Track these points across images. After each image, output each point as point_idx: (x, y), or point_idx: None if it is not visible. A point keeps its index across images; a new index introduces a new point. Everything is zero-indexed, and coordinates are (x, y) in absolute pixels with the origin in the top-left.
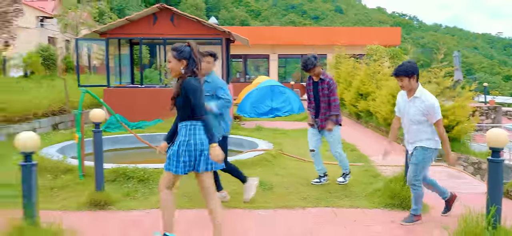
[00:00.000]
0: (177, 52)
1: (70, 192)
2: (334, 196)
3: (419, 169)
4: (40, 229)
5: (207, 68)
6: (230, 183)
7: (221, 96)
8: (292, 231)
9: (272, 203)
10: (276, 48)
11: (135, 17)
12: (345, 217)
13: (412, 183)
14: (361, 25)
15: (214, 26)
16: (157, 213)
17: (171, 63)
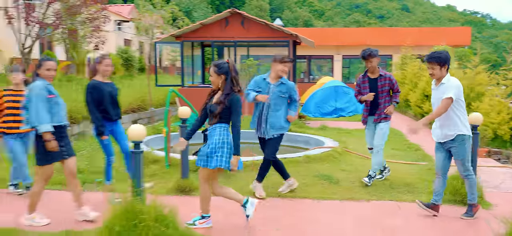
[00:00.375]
0: (217, 68)
1: (159, 179)
2: (397, 191)
3: (466, 160)
4: (147, 205)
5: (284, 72)
6: (299, 175)
7: (296, 97)
8: (358, 220)
9: (339, 195)
10: (341, 49)
11: (208, 21)
12: (408, 210)
13: (464, 175)
14: (429, 24)
15: (281, 29)
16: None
17: (212, 77)
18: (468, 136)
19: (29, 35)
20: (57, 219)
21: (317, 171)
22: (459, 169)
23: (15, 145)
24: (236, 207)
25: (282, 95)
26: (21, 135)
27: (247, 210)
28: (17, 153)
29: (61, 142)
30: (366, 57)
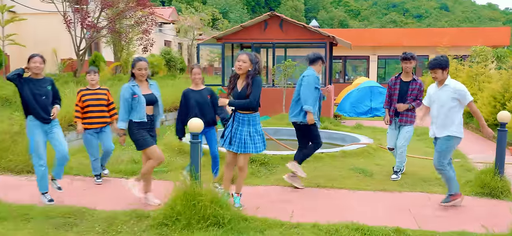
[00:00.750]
0: (250, 56)
1: (205, 170)
2: (429, 184)
3: (443, 155)
4: (204, 190)
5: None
6: (335, 168)
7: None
8: (390, 208)
9: (372, 186)
10: (377, 50)
11: (248, 24)
12: (437, 200)
13: (437, 167)
14: (468, 23)
15: (318, 31)
16: (277, 190)
17: (246, 63)
18: (457, 138)
19: (84, 38)
20: (124, 202)
21: (352, 165)
22: (435, 161)
23: (91, 139)
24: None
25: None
26: (97, 130)
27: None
28: (92, 147)
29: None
30: (408, 58)
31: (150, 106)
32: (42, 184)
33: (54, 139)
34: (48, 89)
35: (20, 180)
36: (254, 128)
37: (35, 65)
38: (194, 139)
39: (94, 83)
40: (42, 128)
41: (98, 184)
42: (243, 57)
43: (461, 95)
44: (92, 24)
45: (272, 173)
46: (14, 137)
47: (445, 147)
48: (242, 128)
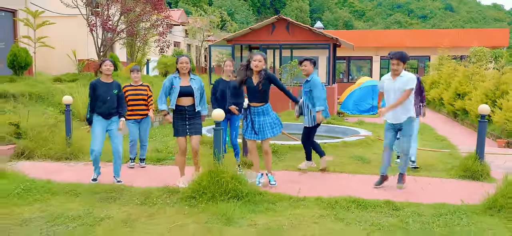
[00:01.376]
0: (264, 56)
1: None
2: (420, 170)
3: (412, 138)
4: (226, 168)
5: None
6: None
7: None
8: (383, 187)
9: (369, 171)
10: (380, 50)
11: (256, 27)
12: (423, 182)
13: (407, 152)
14: (473, 24)
15: (323, 33)
16: (286, 174)
17: (261, 63)
18: (415, 118)
19: (105, 40)
20: (156, 181)
21: (352, 154)
22: (403, 145)
23: (133, 127)
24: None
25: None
26: (138, 120)
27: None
28: (131, 133)
29: (184, 121)
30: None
31: (188, 97)
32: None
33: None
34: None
35: (60, 165)
36: (268, 116)
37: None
38: (217, 127)
39: (137, 80)
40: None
41: (131, 168)
42: (259, 57)
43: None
44: (113, 27)
45: (280, 160)
46: (51, 129)
47: (411, 128)
48: (259, 118)
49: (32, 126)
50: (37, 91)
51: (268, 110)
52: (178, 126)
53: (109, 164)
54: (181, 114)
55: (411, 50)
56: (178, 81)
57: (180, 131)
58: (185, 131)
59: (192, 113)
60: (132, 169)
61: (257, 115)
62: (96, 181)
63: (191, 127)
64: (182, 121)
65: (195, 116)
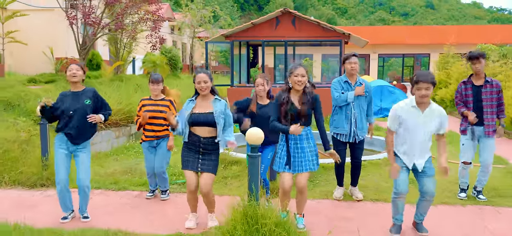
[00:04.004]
0: (306, 68)
1: (242, 180)
2: (489, 196)
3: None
4: (267, 211)
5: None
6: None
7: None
8: (462, 224)
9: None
10: (377, 48)
11: (258, 21)
12: (509, 214)
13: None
14: (454, 22)
15: (333, 28)
16: (328, 203)
17: (305, 77)
18: None
19: (87, 36)
20: (159, 222)
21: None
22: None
23: (146, 154)
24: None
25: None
26: (153, 144)
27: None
28: (146, 161)
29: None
30: (474, 60)
31: (205, 127)
32: None
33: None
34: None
35: (35, 195)
36: (310, 141)
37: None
38: (253, 152)
39: (157, 93)
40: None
41: (148, 198)
42: (302, 70)
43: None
44: (96, 21)
45: (315, 185)
46: (22, 146)
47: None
48: (300, 145)
49: None
50: (5, 96)
51: (311, 135)
52: (188, 157)
53: (97, 192)
54: (194, 145)
55: (407, 48)
56: (191, 106)
57: (190, 164)
58: (195, 166)
59: (209, 146)
60: (128, 202)
61: (299, 141)
62: (67, 220)
63: (203, 162)
64: (194, 153)
65: (213, 151)
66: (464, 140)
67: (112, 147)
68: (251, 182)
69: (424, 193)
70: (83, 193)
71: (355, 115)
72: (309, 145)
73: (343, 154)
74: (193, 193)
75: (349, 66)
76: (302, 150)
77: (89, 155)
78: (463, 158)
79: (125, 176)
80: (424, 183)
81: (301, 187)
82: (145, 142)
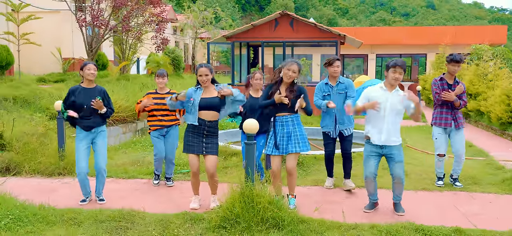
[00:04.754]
0: (300, 67)
1: (241, 170)
2: (466, 183)
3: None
4: (262, 191)
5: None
6: None
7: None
8: (438, 206)
9: (411, 186)
10: (375, 48)
11: (258, 22)
12: (481, 199)
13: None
14: (455, 22)
15: (329, 29)
16: (317, 189)
17: (295, 74)
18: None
19: (95, 37)
20: (169, 204)
21: (384, 165)
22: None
23: (156, 140)
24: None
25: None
26: (162, 132)
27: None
28: (156, 147)
29: (200, 137)
30: (457, 61)
31: (210, 111)
32: None
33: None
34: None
35: (53, 182)
36: (298, 127)
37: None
38: (249, 140)
39: (162, 87)
40: None
41: (155, 185)
42: (295, 67)
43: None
44: (104, 23)
45: (307, 173)
46: (40, 139)
47: (402, 154)
48: (287, 129)
49: (18, 135)
50: (21, 94)
51: (298, 121)
52: (193, 142)
53: (109, 180)
54: (198, 129)
55: (405, 48)
56: (198, 93)
57: (195, 148)
58: (200, 149)
59: (212, 130)
60: (138, 188)
61: (285, 126)
62: (85, 202)
63: (208, 145)
64: (198, 137)
65: (215, 134)
66: (437, 134)
67: (120, 142)
68: (247, 166)
69: (394, 176)
70: (101, 176)
71: (336, 114)
72: (294, 129)
73: (332, 147)
74: (196, 176)
75: (332, 70)
76: (288, 134)
77: (105, 142)
78: (437, 150)
79: (133, 166)
80: (394, 168)
81: (289, 169)
82: (154, 131)
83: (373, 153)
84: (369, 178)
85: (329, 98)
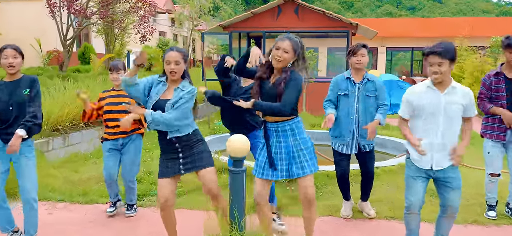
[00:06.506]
0: (294, 44)
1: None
2: None
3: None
4: (248, 232)
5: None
6: None
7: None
8: None
9: (459, 217)
10: (385, 41)
11: (259, 10)
12: None
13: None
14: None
15: (340, 18)
16: (327, 221)
17: (287, 54)
18: None
19: (71, 26)
20: None
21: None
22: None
23: (108, 157)
24: None
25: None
26: (116, 145)
27: None
28: (107, 166)
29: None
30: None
31: None
32: None
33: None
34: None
35: None
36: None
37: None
38: (236, 167)
39: (118, 83)
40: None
41: (110, 215)
42: (285, 44)
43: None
44: (80, 9)
45: (319, 197)
46: None
47: (459, 178)
48: (284, 142)
49: None
50: None
51: (299, 128)
52: (167, 161)
53: (59, 206)
54: (167, 144)
55: (417, 41)
56: (160, 88)
57: (169, 169)
58: (176, 169)
59: (186, 139)
60: (94, 219)
61: (282, 137)
62: None
63: (189, 160)
64: (171, 153)
65: (195, 142)
66: (489, 147)
67: (94, 148)
68: (233, 205)
69: (447, 208)
70: (29, 209)
71: (358, 120)
72: (296, 141)
73: (345, 164)
74: (166, 210)
75: (355, 59)
76: (287, 149)
77: (32, 162)
78: (489, 169)
79: (98, 184)
80: (449, 196)
81: (310, 197)
82: (107, 141)
83: (419, 176)
84: (414, 211)
85: (346, 100)
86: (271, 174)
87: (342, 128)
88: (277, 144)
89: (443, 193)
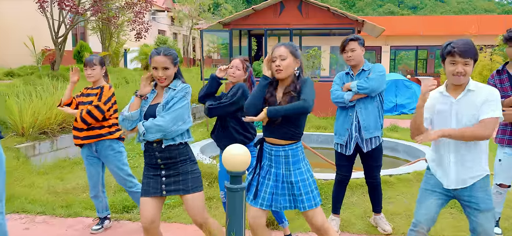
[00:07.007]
0: (291, 49)
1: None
2: None
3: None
4: None
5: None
6: None
7: None
8: None
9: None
10: (389, 39)
11: (260, 6)
12: None
13: None
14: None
15: (345, 14)
16: None
17: (286, 61)
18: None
19: (63, 23)
20: None
21: None
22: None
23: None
24: None
25: None
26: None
27: None
28: (90, 175)
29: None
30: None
31: None
32: None
33: None
34: None
35: None
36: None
37: None
38: (234, 183)
39: (95, 81)
40: None
41: (92, 234)
42: (281, 50)
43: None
44: (72, 5)
45: (327, 208)
46: None
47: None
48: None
49: None
50: None
51: (294, 156)
52: (148, 178)
53: (38, 219)
54: (149, 157)
55: (422, 39)
56: (152, 96)
57: (150, 188)
58: (157, 188)
59: (168, 153)
60: (75, 233)
61: (274, 162)
62: None
63: (172, 180)
64: (152, 168)
65: (182, 160)
66: (501, 154)
67: None
68: (230, 228)
69: (477, 234)
70: None
71: (357, 116)
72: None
73: (346, 169)
74: (151, 232)
75: (346, 56)
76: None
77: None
78: (499, 179)
79: (85, 194)
80: (476, 219)
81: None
82: (82, 148)
83: (435, 191)
84: (420, 230)
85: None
86: (252, 199)
87: (338, 125)
88: (268, 168)
89: (471, 217)
